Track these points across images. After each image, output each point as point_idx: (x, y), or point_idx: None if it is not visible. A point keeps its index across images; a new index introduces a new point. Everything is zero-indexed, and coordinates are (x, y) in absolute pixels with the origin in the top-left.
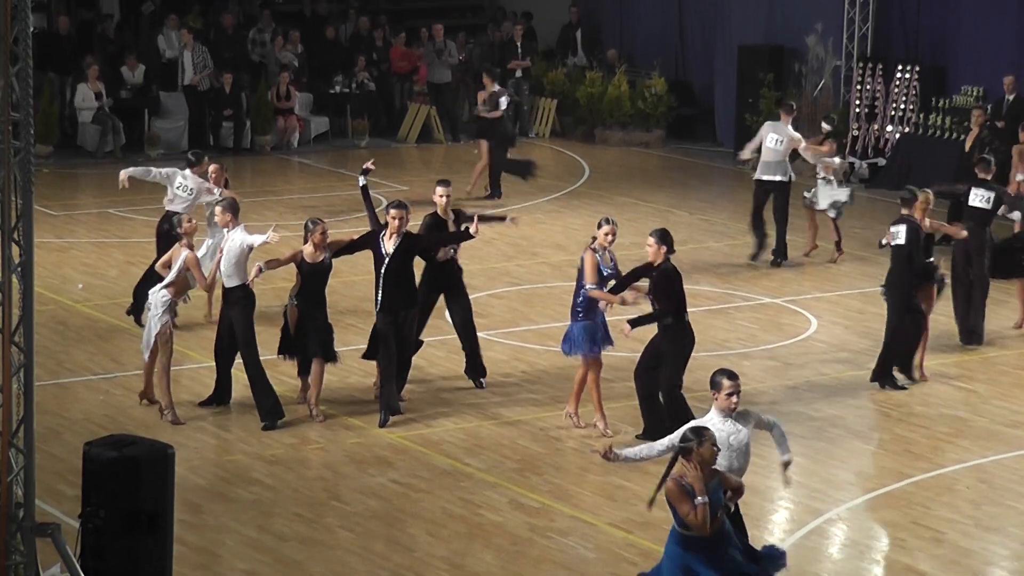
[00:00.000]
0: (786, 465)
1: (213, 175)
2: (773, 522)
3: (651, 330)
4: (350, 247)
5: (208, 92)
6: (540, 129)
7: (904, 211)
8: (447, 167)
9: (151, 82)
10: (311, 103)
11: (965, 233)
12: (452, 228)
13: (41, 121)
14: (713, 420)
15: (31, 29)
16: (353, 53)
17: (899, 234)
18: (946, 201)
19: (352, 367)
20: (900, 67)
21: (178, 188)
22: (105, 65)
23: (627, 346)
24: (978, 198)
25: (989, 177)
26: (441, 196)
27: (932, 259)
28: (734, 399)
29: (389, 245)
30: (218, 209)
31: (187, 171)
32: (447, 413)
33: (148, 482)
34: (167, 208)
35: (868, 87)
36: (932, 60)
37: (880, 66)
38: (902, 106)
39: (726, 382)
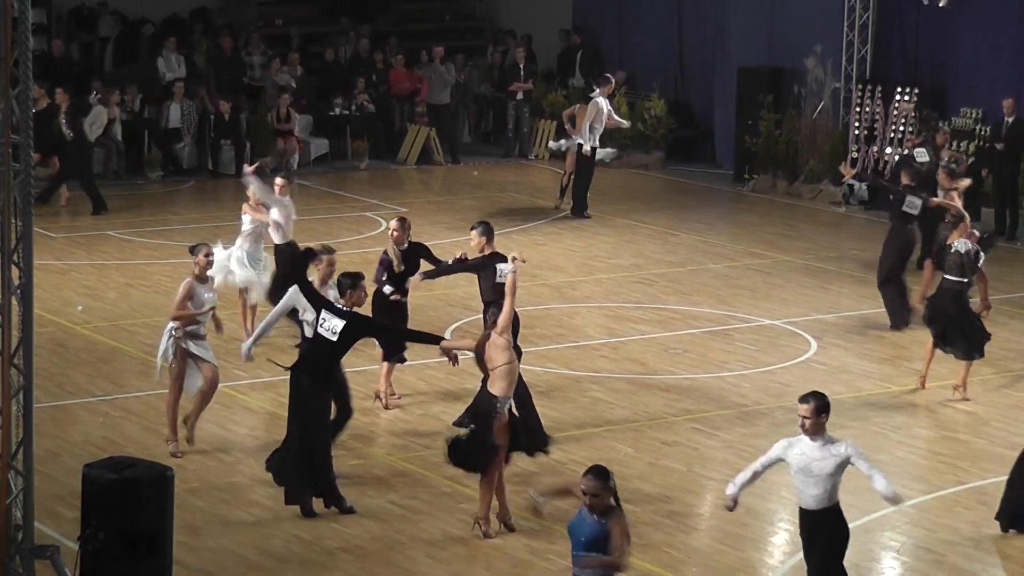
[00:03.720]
0: None
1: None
2: (773, 544)
3: None
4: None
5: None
6: (540, 151)
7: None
8: (446, 189)
9: (152, 105)
10: (311, 125)
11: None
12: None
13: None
14: (803, 441)
15: (31, 52)
16: (352, 75)
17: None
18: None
19: (353, 388)
20: (899, 89)
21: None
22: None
23: None
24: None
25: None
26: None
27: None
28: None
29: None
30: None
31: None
32: (446, 435)
33: (147, 504)
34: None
35: (867, 109)
36: (931, 82)
37: (879, 88)
38: (901, 128)
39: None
